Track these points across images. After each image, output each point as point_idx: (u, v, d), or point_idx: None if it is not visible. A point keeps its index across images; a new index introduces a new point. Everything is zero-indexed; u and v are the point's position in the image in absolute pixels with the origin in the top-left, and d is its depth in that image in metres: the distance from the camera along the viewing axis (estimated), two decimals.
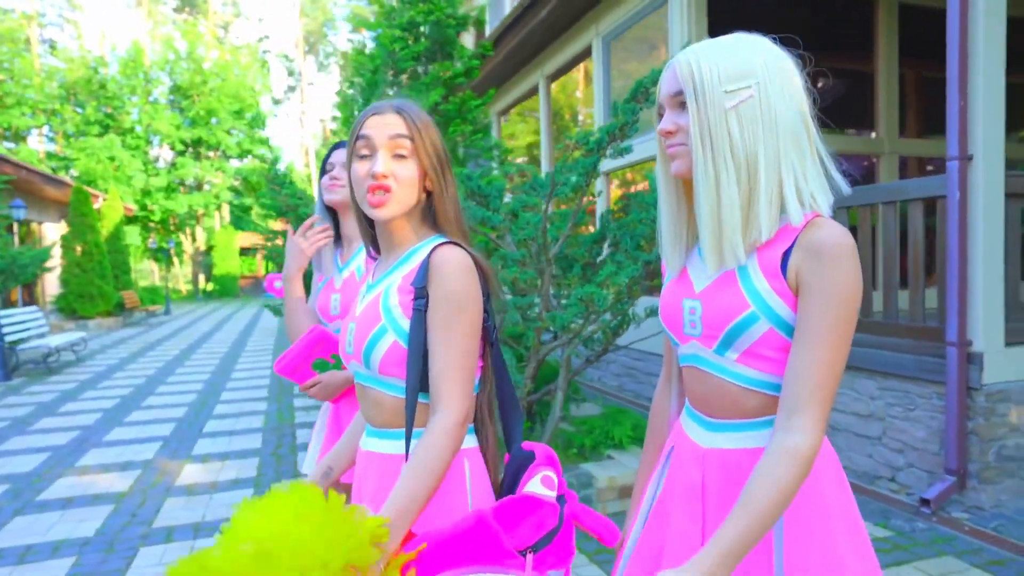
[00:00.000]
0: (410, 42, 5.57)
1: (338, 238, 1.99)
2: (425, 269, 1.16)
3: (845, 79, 7.03)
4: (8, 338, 8.58)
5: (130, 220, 26.50)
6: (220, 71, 29.54)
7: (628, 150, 3.45)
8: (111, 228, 18.51)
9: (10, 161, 12.55)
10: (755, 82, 1.01)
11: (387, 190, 1.15)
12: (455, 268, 1.14)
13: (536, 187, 3.47)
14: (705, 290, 1.09)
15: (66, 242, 14.97)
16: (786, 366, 1.00)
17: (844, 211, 4.06)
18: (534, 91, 9.04)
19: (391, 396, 1.18)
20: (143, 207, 28.40)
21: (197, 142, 29.38)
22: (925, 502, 3.37)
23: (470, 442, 1.21)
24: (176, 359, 10.09)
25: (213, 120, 29.28)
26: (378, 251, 1.31)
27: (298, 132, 56.26)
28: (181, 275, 30.67)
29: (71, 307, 15.21)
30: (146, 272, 31.52)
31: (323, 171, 1.93)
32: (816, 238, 0.98)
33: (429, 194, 1.23)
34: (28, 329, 9.23)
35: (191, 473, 4.38)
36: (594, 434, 3.84)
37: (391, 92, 5.46)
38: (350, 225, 1.94)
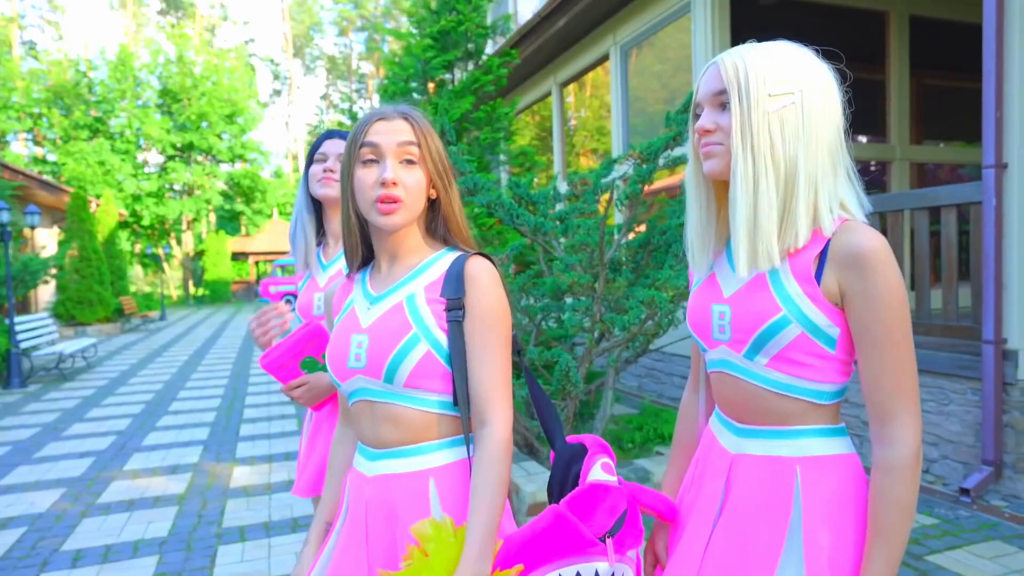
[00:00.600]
0: (441, 51, 5.70)
1: (319, 232, 1.85)
2: (458, 280, 1.14)
3: (859, 87, 7.28)
4: (22, 345, 8.56)
5: (120, 226, 26.28)
6: (210, 74, 29.39)
7: (682, 160, 3.61)
8: (106, 233, 18.41)
9: (9, 167, 12.48)
10: (798, 90, 1.00)
11: (396, 200, 1.11)
12: (491, 280, 1.13)
13: (597, 192, 3.61)
14: (735, 295, 1.09)
15: (63, 248, 14.88)
16: (862, 379, 1.01)
17: (877, 216, 4.25)
18: (545, 95, 9.21)
19: (415, 410, 1.13)
20: (133, 212, 28.17)
21: (188, 147, 29.18)
22: (965, 491, 3.56)
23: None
24: (188, 364, 10.10)
25: (204, 124, 29.09)
26: (363, 262, 1.26)
27: (284, 136, 56.01)
28: (172, 280, 30.44)
29: (69, 313, 15.11)
30: (133, 278, 31.27)
31: (310, 160, 1.77)
32: (852, 245, 0.97)
33: (432, 201, 1.21)
34: (40, 336, 9.21)
35: (242, 475, 4.47)
36: (644, 431, 3.99)
37: (421, 99, 5.59)
38: (337, 221, 1.79)
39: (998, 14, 3.43)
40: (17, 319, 8.58)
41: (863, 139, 6.95)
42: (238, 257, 32.30)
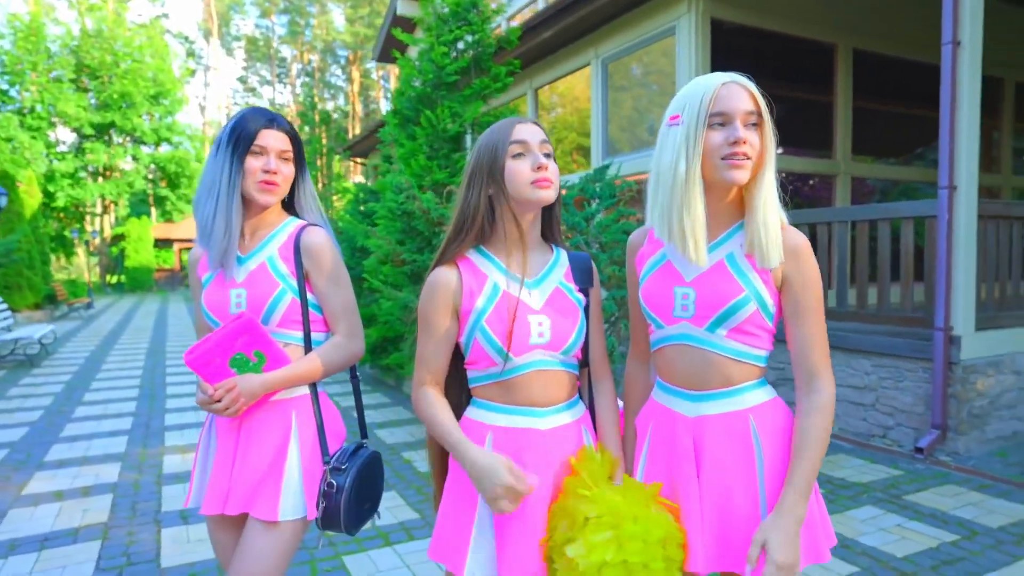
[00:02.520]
0: (455, 57, 6.12)
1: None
2: (588, 272, 1.44)
3: (809, 107, 8.21)
4: None
5: None
6: (132, 51, 28.02)
7: None
8: (29, 216, 17.46)
9: None
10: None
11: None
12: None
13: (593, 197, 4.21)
14: (697, 279, 1.28)
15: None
16: (793, 344, 1.27)
17: (847, 224, 5.06)
18: (518, 97, 9.70)
19: (568, 374, 1.40)
20: (46, 193, 26.54)
21: (109, 127, 27.71)
22: (919, 450, 4.40)
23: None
24: (154, 350, 9.99)
25: (126, 104, 27.70)
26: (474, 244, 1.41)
27: (199, 119, 53.63)
28: (86, 266, 28.86)
29: None
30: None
31: (244, 146, 1.54)
32: (791, 242, 1.26)
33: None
34: None
35: None
36: None
37: (440, 103, 6.00)
38: (256, 216, 1.62)
39: (953, 73, 4.26)
40: None
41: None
42: (161, 244, 31.00)
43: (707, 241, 1.29)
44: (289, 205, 1.74)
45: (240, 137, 1.54)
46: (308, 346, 1.61)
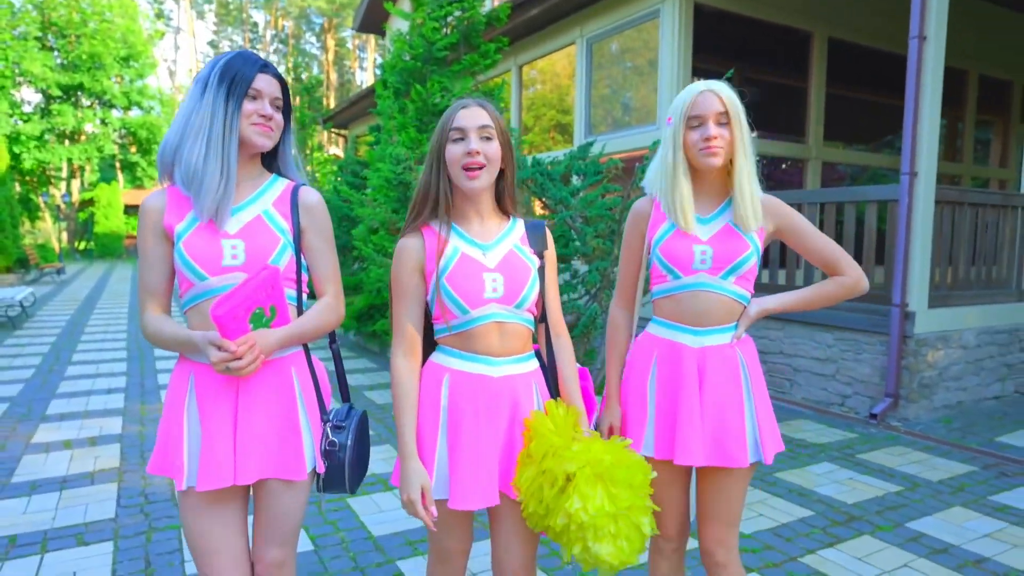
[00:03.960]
0: (445, 33, 6.27)
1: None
2: (542, 237, 1.62)
3: (784, 92, 8.51)
4: None
5: None
6: (102, 11, 27.21)
7: None
8: None
9: None
10: (748, 117, 1.63)
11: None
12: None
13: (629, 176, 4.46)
14: (712, 238, 1.63)
15: None
16: (818, 257, 1.68)
17: (818, 206, 5.38)
18: (502, 73, 9.84)
19: (525, 327, 1.58)
20: (12, 155, 25.82)
21: (77, 88, 26.98)
22: (873, 416, 4.78)
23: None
24: (135, 314, 10.04)
25: (96, 66, 26.95)
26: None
27: (168, 83, 52.34)
28: (54, 232, 28.27)
29: None
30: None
31: (241, 90, 1.48)
32: (773, 203, 1.68)
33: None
34: None
35: None
36: None
37: (431, 77, 6.16)
38: (249, 163, 1.58)
39: (918, 66, 4.57)
40: None
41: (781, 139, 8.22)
42: (131, 211, 30.47)
43: (706, 211, 1.67)
44: (268, 160, 1.66)
45: (236, 79, 1.47)
46: (300, 305, 1.60)
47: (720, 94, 1.59)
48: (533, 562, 1.63)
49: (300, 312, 1.60)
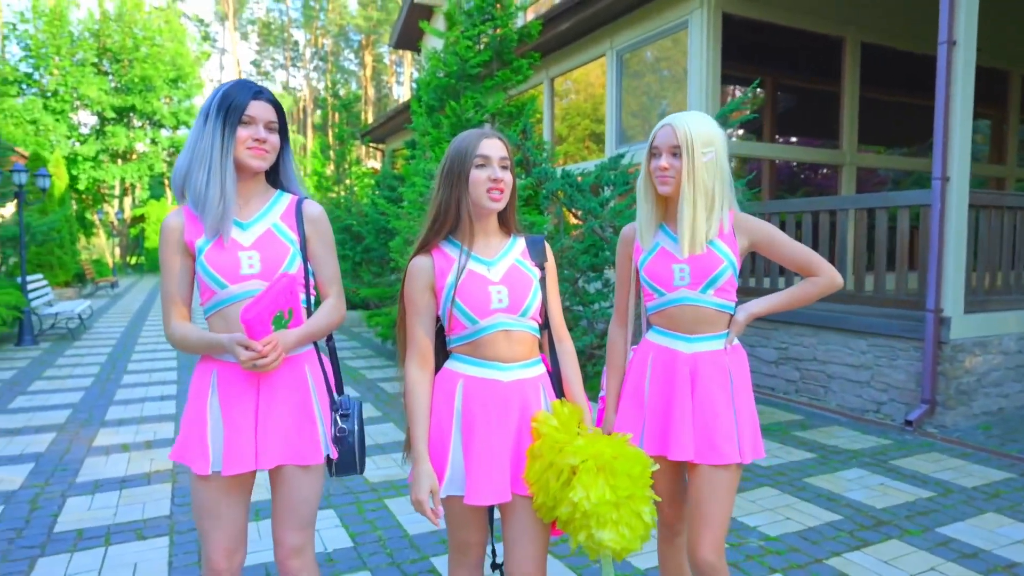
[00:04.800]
0: (478, 50, 6.46)
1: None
2: (541, 251, 1.76)
3: (817, 97, 8.46)
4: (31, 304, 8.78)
5: None
6: (153, 36, 28.40)
7: None
8: (57, 198, 17.97)
9: None
10: (715, 148, 1.73)
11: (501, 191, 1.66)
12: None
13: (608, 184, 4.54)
14: (690, 257, 1.76)
15: (32, 210, 14.62)
16: (792, 262, 1.79)
17: (847, 212, 5.37)
18: (535, 86, 10.01)
19: (530, 334, 1.71)
20: (70, 176, 27.07)
21: (130, 109, 28.17)
22: (908, 423, 4.74)
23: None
24: None
25: (148, 88, 28.10)
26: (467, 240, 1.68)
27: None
28: (107, 247, 29.48)
29: None
30: None
31: (236, 117, 1.62)
32: (746, 220, 1.79)
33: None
34: (40, 297, 9.41)
35: None
36: None
37: (464, 94, 6.35)
38: (250, 183, 1.73)
39: (948, 71, 4.56)
40: (28, 279, 8.77)
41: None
42: None
43: (654, 232, 1.84)
44: (272, 177, 1.82)
45: (231, 107, 1.61)
46: (309, 307, 1.76)
47: (676, 128, 1.72)
48: (544, 559, 1.72)
49: (309, 314, 1.77)
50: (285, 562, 1.72)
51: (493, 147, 1.65)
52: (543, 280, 1.74)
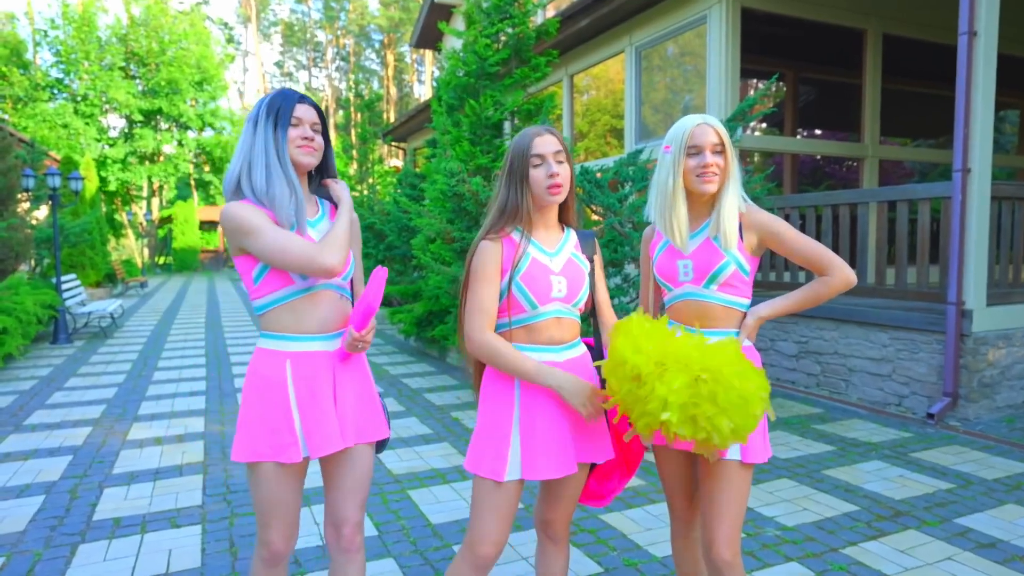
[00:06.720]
0: (496, 49, 6.52)
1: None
2: (592, 244, 1.88)
3: (839, 90, 8.39)
4: (66, 303, 9.05)
5: None
6: (178, 39, 28.90)
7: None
8: (88, 200, 18.41)
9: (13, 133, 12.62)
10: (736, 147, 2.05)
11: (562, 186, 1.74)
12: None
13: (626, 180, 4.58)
14: (693, 253, 1.82)
15: (66, 212, 15.01)
16: (802, 258, 1.79)
17: (866, 205, 5.36)
18: (555, 83, 10.05)
19: (577, 322, 1.84)
20: (99, 178, 27.67)
21: (156, 113, 28.71)
22: (930, 416, 4.73)
23: None
24: (211, 324, 10.68)
25: (174, 91, 28.62)
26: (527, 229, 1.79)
27: (237, 103, 54.67)
28: (136, 248, 30.10)
29: None
30: None
31: (285, 120, 1.74)
32: (755, 216, 1.81)
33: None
34: (73, 296, 9.68)
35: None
36: None
37: (483, 92, 6.43)
38: (304, 187, 1.85)
39: (969, 62, 4.53)
40: (63, 279, 9.04)
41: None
42: (206, 226, 32.13)
43: (689, 230, 1.84)
44: (317, 176, 1.95)
45: (280, 111, 1.73)
46: (352, 298, 1.91)
47: (715, 127, 1.79)
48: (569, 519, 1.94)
49: (353, 303, 1.92)
50: (353, 538, 1.84)
51: (546, 144, 1.75)
52: (591, 272, 1.87)
